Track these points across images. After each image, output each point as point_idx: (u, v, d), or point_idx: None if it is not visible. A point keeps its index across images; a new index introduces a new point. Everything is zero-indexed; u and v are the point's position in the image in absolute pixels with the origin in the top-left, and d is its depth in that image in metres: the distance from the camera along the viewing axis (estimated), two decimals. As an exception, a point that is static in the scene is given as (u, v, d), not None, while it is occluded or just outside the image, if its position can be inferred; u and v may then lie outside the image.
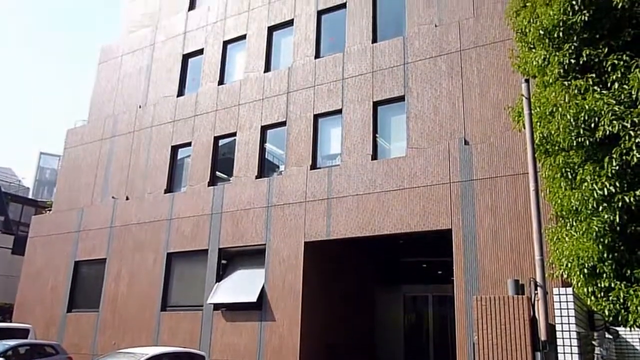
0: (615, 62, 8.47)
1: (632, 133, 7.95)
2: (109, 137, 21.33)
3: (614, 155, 8.09)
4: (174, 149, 19.33)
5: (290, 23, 18.18)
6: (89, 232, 19.90)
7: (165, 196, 18.49)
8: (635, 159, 7.87)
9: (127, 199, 19.49)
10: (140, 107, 20.91)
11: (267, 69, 18.12)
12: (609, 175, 8.12)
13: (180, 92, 20.13)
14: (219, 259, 16.52)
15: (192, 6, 21.47)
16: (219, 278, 16.35)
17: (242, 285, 15.76)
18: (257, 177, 16.71)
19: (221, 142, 18.41)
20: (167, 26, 21.67)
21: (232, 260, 16.71)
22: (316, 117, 16.30)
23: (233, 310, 15.57)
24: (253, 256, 16.07)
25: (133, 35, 22.83)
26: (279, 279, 15.10)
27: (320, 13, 17.60)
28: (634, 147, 7.91)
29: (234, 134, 17.88)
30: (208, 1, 20.93)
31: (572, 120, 8.36)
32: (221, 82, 19.09)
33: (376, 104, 15.33)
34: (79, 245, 20.05)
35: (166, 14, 22.06)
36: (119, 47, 23.14)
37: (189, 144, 18.95)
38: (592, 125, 8.30)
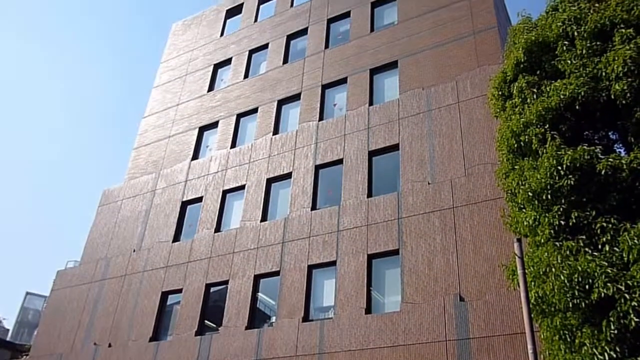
0: (604, 224, 8.69)
1: (627, 296, 7.90)
2: (99, 279, 21.00)
3: (612, 319, 7.96)
4: (164, 295, 18.94)
5: (288, 176, 18.90)
6: (65, 381, 18.71)
7: (149, 344, 17.72)
8: (633, 324, 7.74)
9: (110, 346, 18.65)
10: (134, 251, 20.89)
11: (264, 218, 18.45)
12: (608, 339, 7.92)
13: (176, 238, 20.26)
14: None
15: (195, 156, 22.45)
16: None
17: None
18: (247, 328, 16.17)
19: (212, 289, 18.12)
20: (169, 174, 22.46)
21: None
22: (310, 267, 16.25)
23: None
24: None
25: (135, 181, 23.56)
26: None
27: (317, 167, 18.39)
28: (630, 311, 7.81)
29: (226, 282, 17.66)
30: (211, 152, 21.96)
31: (566, 281, 8.36)
32: (217, 229, 19.32)
33: (371, 257, 15.38)
34: (52, 396, 18.73)
35: (170, 162, 22.99)
36: (120, 192, 23.74)
37: (179, 291, 18.61)
38: (587, 286, 8.28)
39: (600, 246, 8.68)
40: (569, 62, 10.57)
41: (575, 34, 10.78)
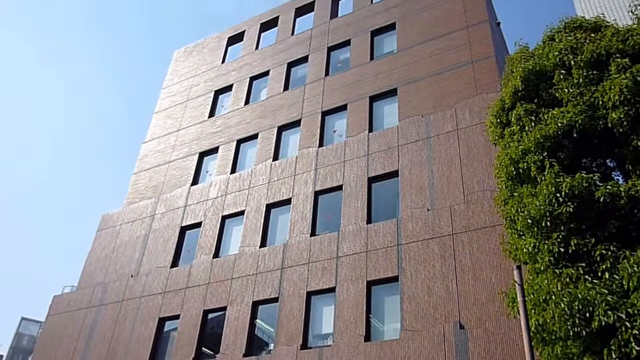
0: (604, 252, 8.69)
1: (628, 324, 7.85)
2: (96, 305, 20.83)
3: (613, 347, 7.91)
4: (161, 321, 18.76)
5: (288, 201, 18.92)
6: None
7: (145, 372, 17.47)
8: (634, 352, 7.68)
9: (105, 373, 18.39)
10: (132, 276, 20.77)
11: (263, 244, 18.40)
12: (610, 368, 7.85)
13: (174, 264, 20.16)
14: None
15: (195, 181, 22.49)
16: None
17: None
18: (244, 355, 15.98)
19: (210, 315, 17.96)
20: (169, 199, 22.47)
21: None
22: (309, 294, 16.15)
23: None
24: None
25: (134, 206, 23.54)
26: None
27: (317, 194, 18.42)
28: (631, 339, 7.76)
29: (224, 308, 17.52)
30: (211, 177, 22.02)
31: (566, 309, 8.31)
32: (216, 255, 19.25)
33: (370, 284, 15.30)
34: None
35: (169, 187, 23.02)
36: (119, 217, 23.70)
37: (177, 317, 18.44)
38: (587, 314, 8.23)
39: (600, 274, 8.66)
40: (566, 90, 10.70)
41: (572, 63, 10.94)
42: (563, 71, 11.04)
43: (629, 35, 10.81)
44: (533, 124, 10.76)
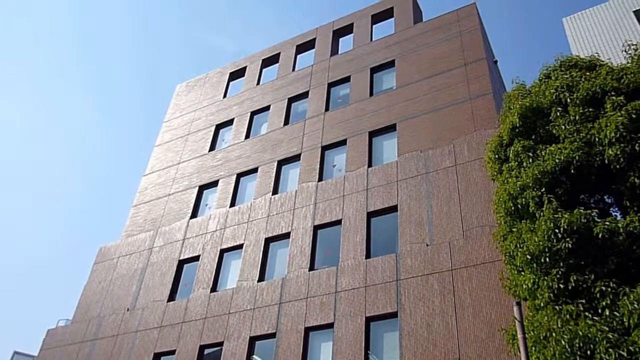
0: (603, 288, 8.65)
1: (630, 363, 7.77)
2: (90, 339, 20.54)
3: (616, 387, 7.79)
4: (157, 357, 18.46)
5: (287, 236, 18.87)
6: None
7: (139, 409, 17.11)
8: (637, 391, 7.58)
9: (98, 410, 18.01)
10: (128, 310, 20.54)
11: (261, 278, 18.28)
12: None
13: (172, 297, 19.97)
14: None
15: (194, 214, 22.48)
16: None
17: None
18: (240, 392, 15.69)
19: (207, 350, 17.70)
20: (167, 232, 22.41)
21: None
22: (307, 330, 15.95)
23: None
24: None
25: (132, 239, 23.46)
26: None
27: (316, 228, 18.39)
28: (634, 379, 7.66)
29: (220, 344, 17.27)
30: (210, 211, 22.01)
31: (567, 346, 8.24)
32: (214, 289, 19.09)
33: (369, 320, 15.14)
34: None
35: (168, 220, 22.98)
36: (117, 249, 23.59)
37: (172, 352, 18.16)
38: (588, 352, 8.15)
39: (600, 310, 8.61)
40: (563, 127, 10.84)
41: (568, 100, 11.11)
42: (560, 108, 11.21)
43: (623, 74, 11.02)
44: (531, 160, 10.86)
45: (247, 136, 24.27)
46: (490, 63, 20.09)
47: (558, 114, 11.15)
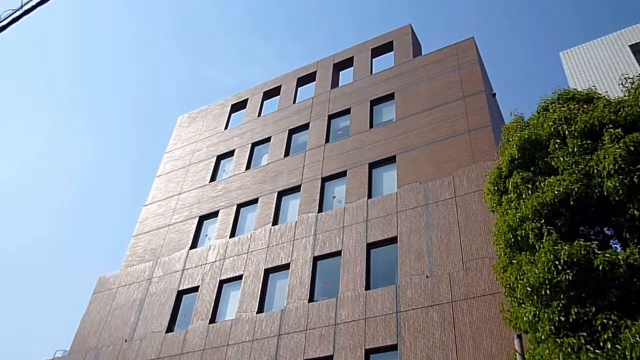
0: (605, 321, 8.59)
1: (633, 397, 7.67)
2: (86, 372, 20.23)
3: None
4: (153, 390, 18.18)
5: (286, 267, 18.80)
6: None
7: None
8: None
9: None
10: (126, 341, 20.31)
11: (260, 310, 18.13)
12: None
13: (170, 328, 19.76)
14: None
15: (194, 245, 22.42)
16: None
17: None
18: None
19: (204, 384, 17.43)
20: (167, 262, 22.32)
21: None
22: (306, 362, 15.74)
23: None
24: None
25: (131, 269, 23.34)
26: None
27: (316, 259, 18.33)
28: (637, 413, 7.55)
29: (218, 376, 17.02)
30: (210, 241, 21.96)
31: (569, 379, 8.14)
32: (212, 320, 18.91)
33: (368, 352, 14.95)
34: None
35: (168, 250, 22.91)
36: (116, 279, 23.45)
37: (170, 385, 17.89)
38: (591, 386, 8.05)
39: (602, 343, 8.53)
40: (561, 159, 10.92)
41: (566, 132, 11.22)
42: (558, 140, 11.32)
43: (620, 107, 11.16)
44: (530, 191, 10.91)
45: (248, 167, 24.40)
46: (489, 96, 20.34)
47: (556, 146, 11.25)
